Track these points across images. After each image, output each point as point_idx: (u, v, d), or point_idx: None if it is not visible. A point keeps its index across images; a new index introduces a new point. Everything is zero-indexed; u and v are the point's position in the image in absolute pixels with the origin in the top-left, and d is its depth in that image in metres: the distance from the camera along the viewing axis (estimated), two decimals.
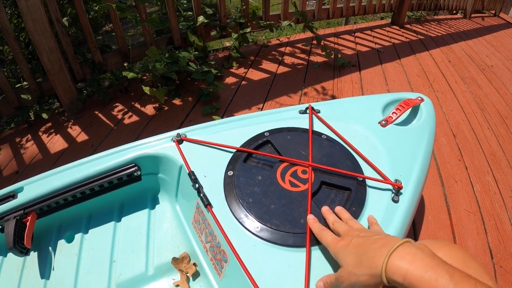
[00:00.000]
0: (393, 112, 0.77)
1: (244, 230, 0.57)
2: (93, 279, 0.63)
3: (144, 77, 1.98)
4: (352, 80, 2.20)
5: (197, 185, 0.63)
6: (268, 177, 0.64)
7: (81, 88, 1.99)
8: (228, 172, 0.66)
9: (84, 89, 1.97)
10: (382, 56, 2.58)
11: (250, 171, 0.66)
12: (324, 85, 2.11)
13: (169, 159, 0.71)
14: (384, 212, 0.58)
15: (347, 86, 2.13)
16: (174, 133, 0.75)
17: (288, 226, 0.56)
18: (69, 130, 1.68)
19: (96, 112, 1.79)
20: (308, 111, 0.81)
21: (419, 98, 0.81)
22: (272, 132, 0.75)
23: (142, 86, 1.71)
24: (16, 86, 1.71)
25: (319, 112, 0.81)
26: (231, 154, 0.69)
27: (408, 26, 3.39)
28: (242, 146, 0.71)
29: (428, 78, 2.36)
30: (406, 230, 0.58)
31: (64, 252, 0.68)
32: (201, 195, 0.61)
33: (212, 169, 0.67)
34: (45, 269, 0.66)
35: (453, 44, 3.13)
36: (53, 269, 0.66)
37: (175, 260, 0.64)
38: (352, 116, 0.78)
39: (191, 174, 0.65)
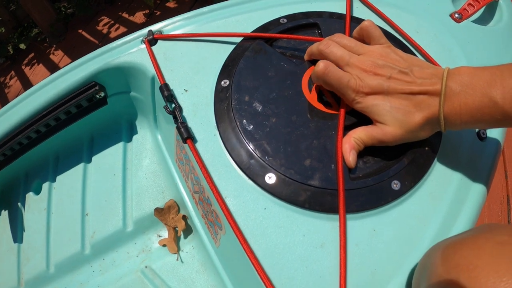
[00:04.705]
0: (469, 4, 0.52)
1: (248, 181, 0.34)
2: (65, 239, 0.49)
3: None
4: None
5: (173, 106, 0.40)
6: (289, 82, 0.39)
7: (61, 7, 1.72)
8: (222, 82, 0.41)
9: (63, 8, 1.70)
10: None
11: (258, 74, 0.40)
12: None
13: (138, 70, 0.47)
14: (467, 153, 0.37)
15: None
16: (145, 31, 0.50)
17: (318, 175, 0.33)
18: (51, 56, 1.49)
19: (80, 31, 1.55)
20: None
21: None
22: (291, 18, 0.47)
23: None
24: None
25: None
26: (228, 54, 0.44)
27: None
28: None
29: None
30: (492, 178, 0.37)
31: (32, 208, 0.53)
32: (179, 122, 0.39)
33: (198, 78, 0.42)
34: (16, 231, 0.52)
35: None
36: (24, 230, 0.52)
37: (158, 212, 0.46)
38: (412, 2, 0.51)
39: (164, 89, 0.41)
